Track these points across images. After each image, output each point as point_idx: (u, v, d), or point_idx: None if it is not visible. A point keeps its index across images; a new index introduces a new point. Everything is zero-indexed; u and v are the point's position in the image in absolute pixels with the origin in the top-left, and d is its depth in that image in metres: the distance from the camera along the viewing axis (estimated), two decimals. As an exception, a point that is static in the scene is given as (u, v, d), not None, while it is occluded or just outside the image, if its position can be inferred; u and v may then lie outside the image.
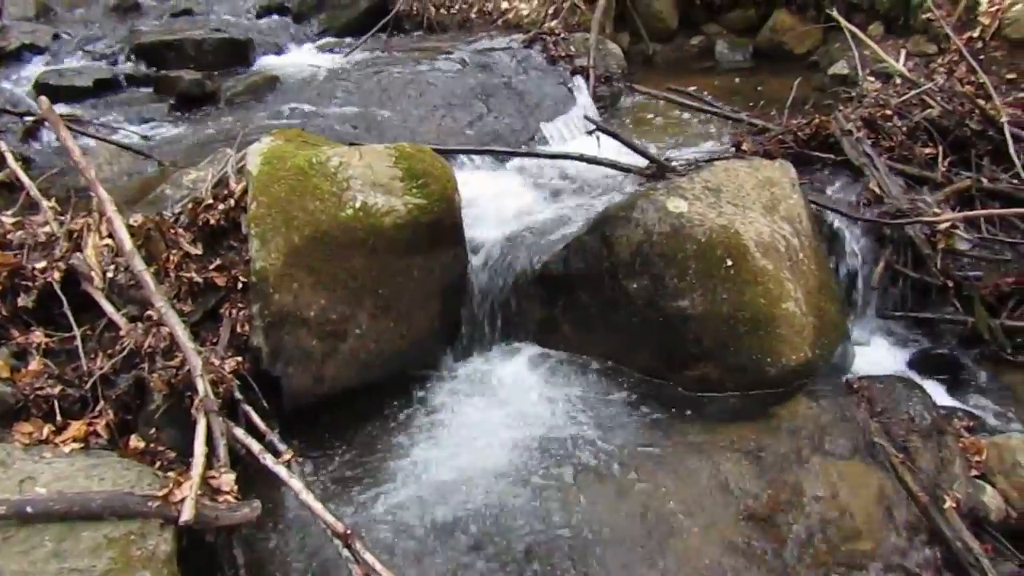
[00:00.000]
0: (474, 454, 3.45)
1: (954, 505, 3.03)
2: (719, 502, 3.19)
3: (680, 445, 3.47)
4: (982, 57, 6.28)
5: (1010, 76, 6.14)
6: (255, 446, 3.01)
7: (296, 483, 2.86)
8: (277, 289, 3.47)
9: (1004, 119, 5.29)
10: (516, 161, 5.30)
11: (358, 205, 3.60)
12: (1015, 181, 5.04)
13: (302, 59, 6.88)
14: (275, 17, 7.61)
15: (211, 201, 3.72)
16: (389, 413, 3.74)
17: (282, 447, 3.13)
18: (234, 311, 3.47)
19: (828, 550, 3.02)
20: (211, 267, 3.54)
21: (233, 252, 3.65)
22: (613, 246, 3.83)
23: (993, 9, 6.39)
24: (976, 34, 6.45)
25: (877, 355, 4.39)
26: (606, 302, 3.90)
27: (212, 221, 3.65)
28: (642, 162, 4.90)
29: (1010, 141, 5.18)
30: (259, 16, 7.67)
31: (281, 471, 2.91)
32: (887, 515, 3.10)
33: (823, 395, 3.66)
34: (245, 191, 3.66)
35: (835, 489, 3.19)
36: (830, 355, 3.89)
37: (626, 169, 4.88)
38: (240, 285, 3.50)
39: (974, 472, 3.22)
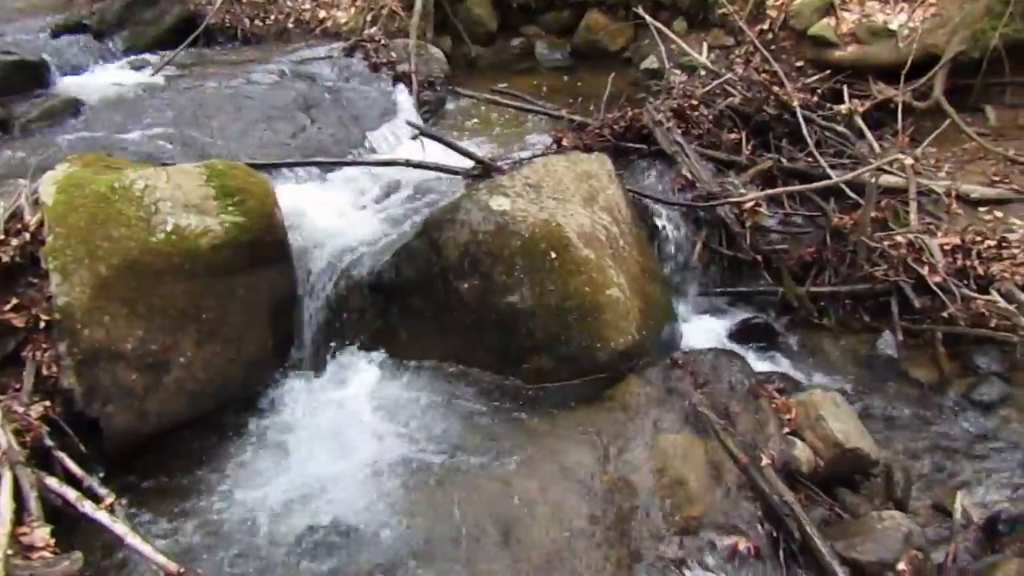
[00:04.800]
0: (316, 472, 3.39)
1: (770, 462, 3.27)
2: (563, 487, 3.29)
3: (523, 437, 3.56)
4: (773, 47, 6.81)
5: (798, 64, 6.70)
6: (71, 494, 2.82)
7: (120, 527, 2.71)
8: (86, 324, 3.27)
9: (796, 103, 5.79)
10: (344, 171, 5.23)
11: (170, 228, 3.45)
12: (810, 159, 5.51)
13: (106, 79, 6.44)
14: (73, 36, 7.03)
15: (2, 237, 3.44)
16: (224, 442, 3.60)
17: (102, 491, 2.95)
18: (38, 352, 3.24)
19: (665, 519, 3.18)
20: (7, 308, 3.29)
21: (33, 289, 3.39)
22: (441, 249, 3.86)
23: (779, 3, 6.95)
24: (766, 26, 6.99)
25: (702, 330, 4.68)
26: (440, 305, 3.92)
27: (5, 259, 3.38)
28: (468, 164, 4.96)
29: (803, 123, 5.67)
30: (55, 36, 7.07)
31: (102, 517, 2.75)
32: (714, 479, 3.30)
33: (652, 374, 3.83)
34: (42, 223, 3.42)
35: (667, 461, 3.36)
36: (658, 335, 4.09)
37: (453, 171, 4.93)
38: (43, 324, 3.27)
39: (786, 430, 3.49)
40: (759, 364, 4.30)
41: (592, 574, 2.99)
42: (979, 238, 4.74)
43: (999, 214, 5.07)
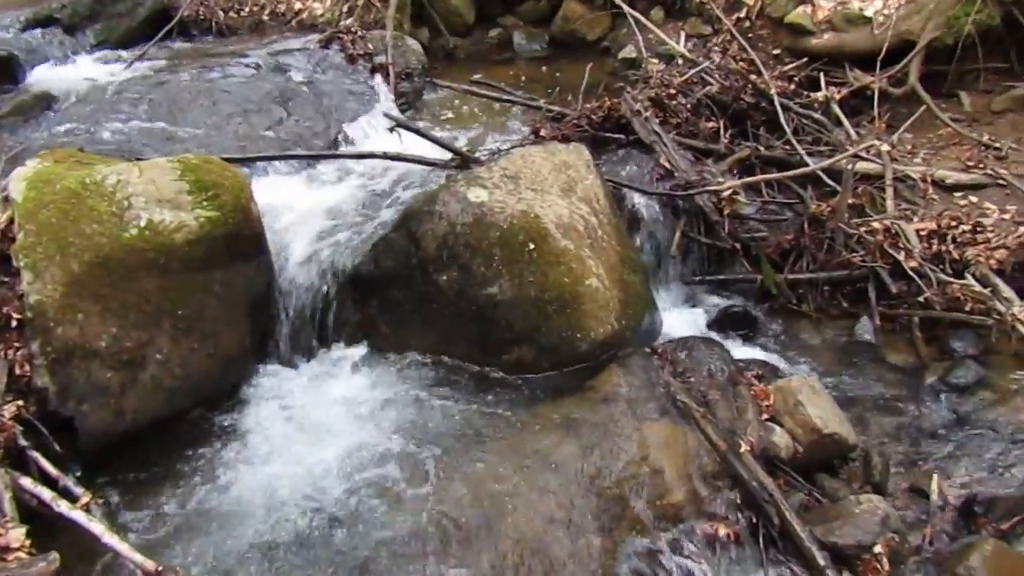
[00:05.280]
0: (296, 466, 3.37)
1: (749, 449, 3.30)
2: (544, 477, 3.29)
3: (503, 427, 3.55)
4: (750, 36, 6.82)
5: (775, 52, 6.71)
6: (46, 494, 2.80)
7: (96, 527, 2.69)
8: (59, 322, 3.23)
9: (773, 91, 5.80)
10: (322, 164, 5.19)
11: (143, 224, 3.40)
12: (787, 147, 5.53)
13: (79, 73, 6.35)
14: (44, 30, 6.93)
15: (-29, 235, 3.38)
16: (203, 438, 3.56)
17: (78, 491, 2.92)
18: (10, 352, 3.19)
19: (644, 508, 3.18)
20: (-23, 308, 3.23)
21: (4, 287, 3.34)
22: (420, 241, 3.85)
23: (755, -10, 6.97)
24: (743, 15, 7.00)
25: (682, 319, 4.69)
26: (420, 297, 3.91)
27: (-26, 257, 3.32)
28: (447, 155, 4.94)
29: (780, 111, 5.68)
30: (24, 30, 6.96)
31: (79, 516, 2.72)
32: (693, 467, 3.30)
33: (632, 363, 3.83)
34: (12, 220, 3.36)
35: (647, 450, 3.36)
36: (638, 324, 4.09)
37: (431, 163, 4.90)
38: (15, 323, 3.22)
39: (765, 416, 3.51)
40: (738, 351, 4.31)
41: (573, 563, 2.99)
42: (954, 223, 4.76)
43: (974, 199, 5.11)
